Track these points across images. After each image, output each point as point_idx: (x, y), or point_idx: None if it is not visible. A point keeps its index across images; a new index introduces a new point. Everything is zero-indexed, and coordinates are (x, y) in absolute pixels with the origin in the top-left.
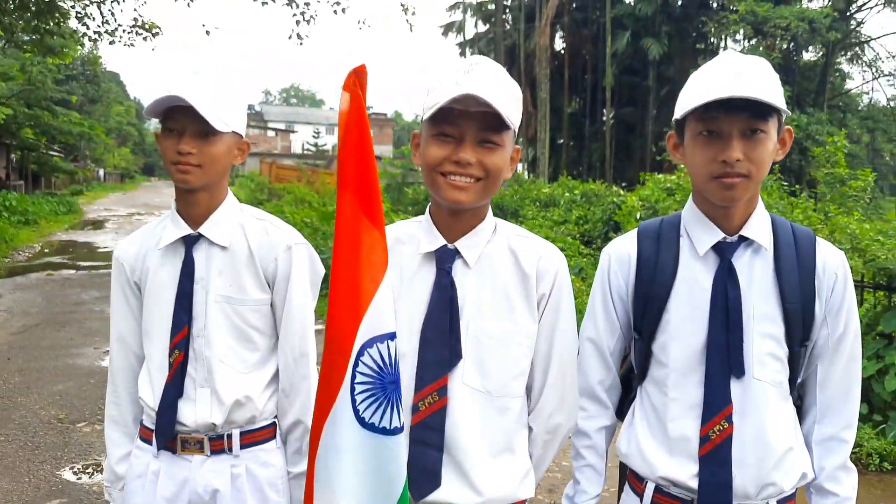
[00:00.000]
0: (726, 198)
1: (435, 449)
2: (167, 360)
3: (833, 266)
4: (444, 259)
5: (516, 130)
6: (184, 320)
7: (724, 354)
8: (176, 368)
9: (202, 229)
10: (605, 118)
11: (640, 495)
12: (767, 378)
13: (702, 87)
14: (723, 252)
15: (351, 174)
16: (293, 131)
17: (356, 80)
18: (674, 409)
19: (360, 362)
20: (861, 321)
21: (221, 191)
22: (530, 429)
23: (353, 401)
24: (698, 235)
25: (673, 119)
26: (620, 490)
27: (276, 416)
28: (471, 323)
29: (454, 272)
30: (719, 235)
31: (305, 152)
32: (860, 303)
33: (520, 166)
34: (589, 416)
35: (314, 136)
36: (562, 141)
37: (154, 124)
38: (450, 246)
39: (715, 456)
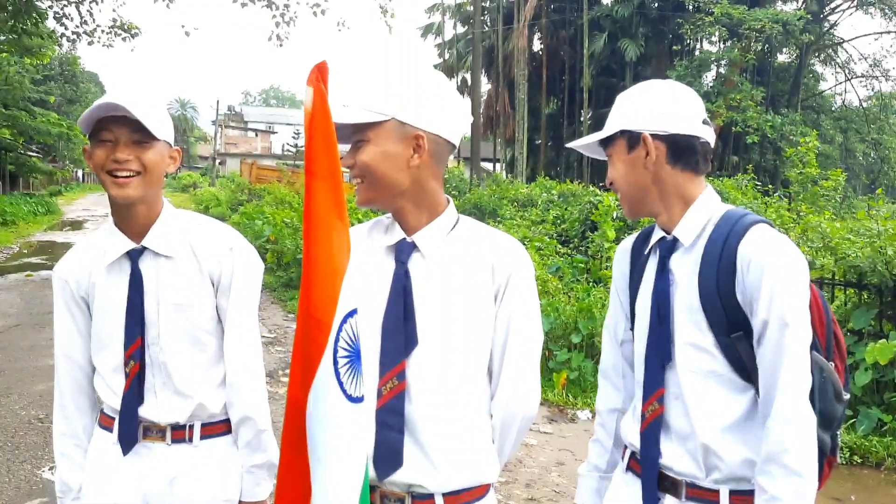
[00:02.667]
0: (626, 212)
1: (396, 431)
2: (123, 370)
3: (749, 254)
4: (402, 251)
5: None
6: (136, 332)
7: (655, 342)
8: (133, 378)
9: (146, 242)
10: (582, 119)
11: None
12: (691, 366)
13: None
14: (659, 250)
15: (320, 165)
16: (273, 132)
17: (318, 75)
18: (637, 391)
19: (340, 337)
20: None
21: (158, 201)
22: (491, 416)
23: (338, 373)
24: (654, 236)
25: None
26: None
27: None
28: (427, 312)
29: (410, 263)
30: (660, 234)
31: (285, 153)
32: (831, 300)
33: (498, 166)
34: (601, 396)
35: (294, 137)
36: (539, 141)
37: None
38: (408, 239)
39: (648, 433)
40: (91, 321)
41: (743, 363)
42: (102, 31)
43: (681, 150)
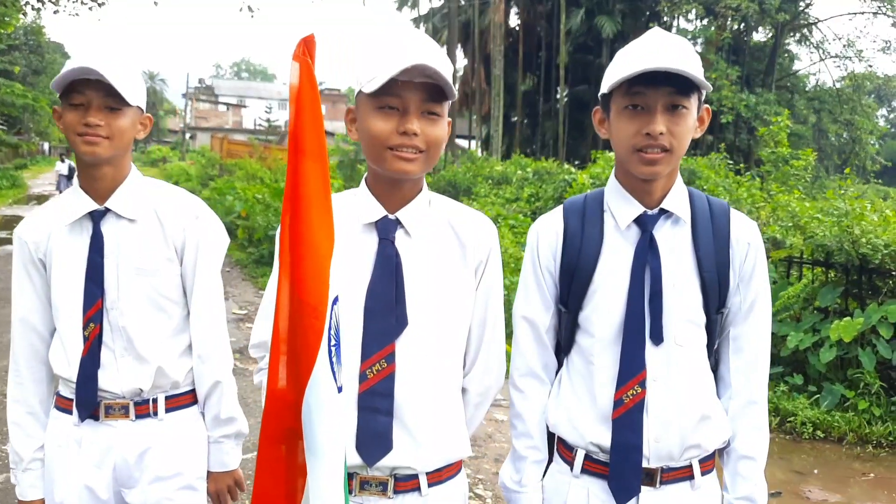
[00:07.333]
0: (648, 172)
1: (385, 414)
2: (81, 333)
3: (745, 236)
4: (387, 229)
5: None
6: (96, 294)
7: (640, 322)
8: (92, 341)
9: (109, 203)
10: (558, 96)
11: (570, 463)
12: (687, 344)
13: (628, 62)
14: (645, 225)
15: (310, 144)
16: (244, 106)
17: (305, 50)
18: (599, 377)
19: (331, 325)
20: (799, 296)
21: (126, 165)
22: (464, 390)
23: (331, 363)
24: (620, 210)
25: (599, 94)
26: (549, 460)
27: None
28: (415, 290)
29: (396, 242)
30: (640, 209)
31: (257, 128)
32: (799, 278)
33: (473, 143)
34: (533, 400)
35: (266, 112)
36: (515, 118)
37: None
38: (391, 216)
39: (627, 419)
40: (49, 285)
41: (712, 339)
42: (68, 0)
43: None
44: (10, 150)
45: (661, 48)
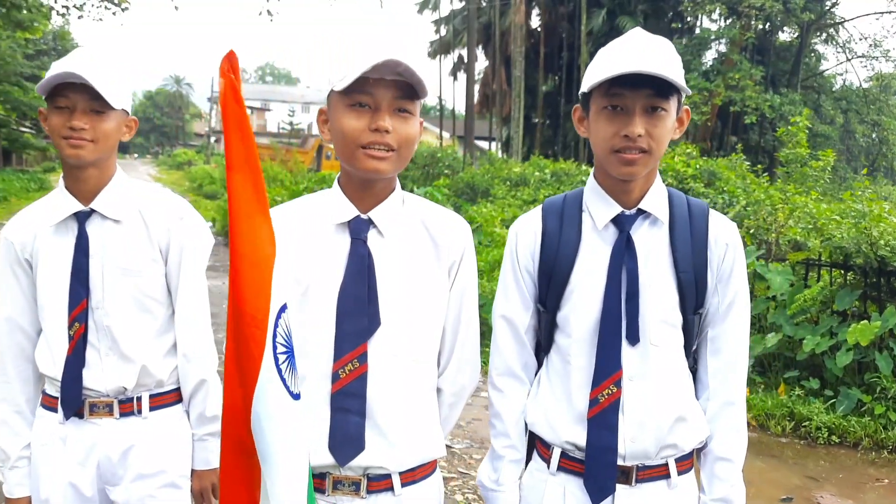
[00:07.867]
0: (626, 172)
1: (357, 415)
2: (66, 333)
3: (724, 237)
4: (359, 229)
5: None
6: (81, 294)
7: (616, 322)
8: (77, 340)
9: (94, 204)
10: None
11: (547, 461)
12: (664, 344)
13: (609, 62)
14: (622, 225)
15: (236, 156)
16: (268, 109)
17: (229, 66)
18: (576, 377)
19: (277, 334)
20: (816, 299)
21: (111, 166)
22: (438, 390)
23: (280, 370)
24: (598, 210)
25: (579, 92)
26: (528, 458)
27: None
28: (388, 290)
29: (369, 241)
30: (618, 209)
31: (281, 131)
32: (817, 280)
33: (493, 145)
34: (512, 399)
35: (289, 115)
36: (536, 120)
37: None
38: (363, 216)
39: (602, 419)
40: (35, 285)
41: (690, 340)
42: (92, 6)
43: None
44: (38, 154)
45: (643, 49)
